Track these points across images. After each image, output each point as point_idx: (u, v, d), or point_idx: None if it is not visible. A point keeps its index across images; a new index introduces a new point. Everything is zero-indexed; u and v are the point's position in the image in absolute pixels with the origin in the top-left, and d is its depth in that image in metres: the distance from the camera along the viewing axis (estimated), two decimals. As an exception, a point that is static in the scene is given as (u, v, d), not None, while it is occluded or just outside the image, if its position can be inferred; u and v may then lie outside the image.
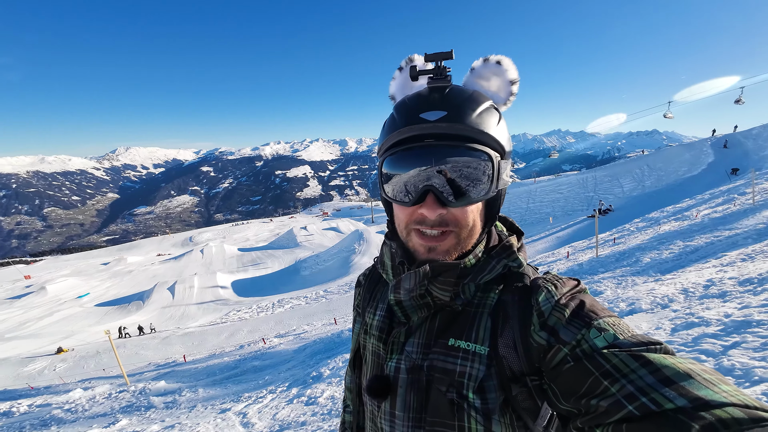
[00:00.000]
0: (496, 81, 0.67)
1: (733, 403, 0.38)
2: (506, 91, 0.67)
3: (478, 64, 0.67)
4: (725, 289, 4.87)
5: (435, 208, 0.59)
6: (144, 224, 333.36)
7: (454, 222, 0.61)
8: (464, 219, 0.61)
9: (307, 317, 16.07)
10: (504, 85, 0.67)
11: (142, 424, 6.27)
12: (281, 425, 4.94)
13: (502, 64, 0.65)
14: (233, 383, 8.28)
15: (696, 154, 27.21)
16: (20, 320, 27.02)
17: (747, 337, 3.28)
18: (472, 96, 0.61)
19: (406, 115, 0.61)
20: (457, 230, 0.61)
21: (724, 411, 0.37)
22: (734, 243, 7.62)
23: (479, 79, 0.67)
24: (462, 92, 0.61)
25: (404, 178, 0.62)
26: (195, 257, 41.34)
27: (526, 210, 29.26)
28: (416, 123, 0.59)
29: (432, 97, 0.60)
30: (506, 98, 0.67)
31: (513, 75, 0.65)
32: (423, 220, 0.61)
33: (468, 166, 0.59)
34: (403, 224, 0.65)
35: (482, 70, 0.67)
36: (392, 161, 0.63)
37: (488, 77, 0.67)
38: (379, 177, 0.67)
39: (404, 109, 0.62)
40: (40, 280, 40.06)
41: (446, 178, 0.59)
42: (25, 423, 7.40)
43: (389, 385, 0.66)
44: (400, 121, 0.61)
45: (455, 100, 0.59)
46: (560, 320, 0.55)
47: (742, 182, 16.58)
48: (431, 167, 0.59)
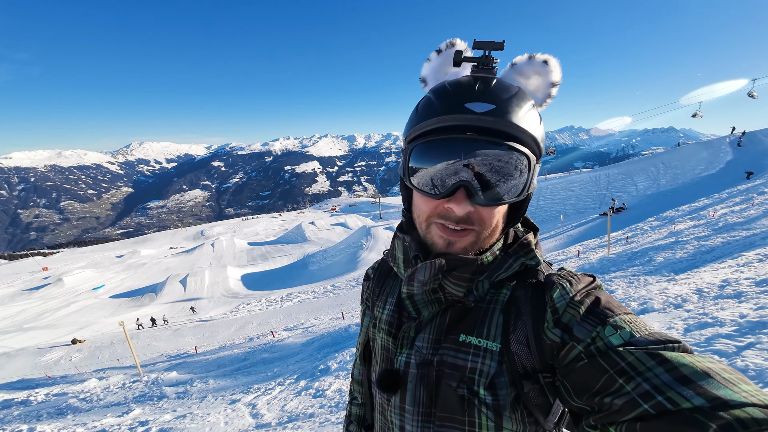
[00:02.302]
0: (537, 80, 0.64)
1: (753, 403, 0.37)
2: (545, 93, 0.64)
3: (521, 60, 0.64)
4: (741, 290, 4.75)
5: (464, 205, 0.56)
6: (157, 218, 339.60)
7: (479, 221, 0.59)
8: (489, 219, 0.59)
9: (315, 311, 16.22)
10: (544, 86, 0.64)
11: (155, 414, 6.42)
12: (290, 417, 5.01)
13: (549, 65, 0.62)
14: (243, 375, 8.42)
15: (714, 153, 26.45)
16: (38, 311, 27.91)
17: (762, 338, 3.20)
18: (519, 93, 0.57)
19: (448, 102, 0.56)
20: (479, 229, 0.59)
21: (743, 411, 0.36)
22: (751, 243, 7.42)
23: (519, 75, 0.65)
24: (509, 87, 0.58)
25: (436, 169, 0.58)
26: (206, 251, 42.01)
27: (537, 207, 28.93)
28: (460, 113, 0.54)
29: (478, 87, 0.56)
30: (543, 99, 0.64)
31: (557, 77, 0.63)
32: (448, 215, 0.58)
33: (505, 165, 0.56)
34: (425, 216, 0.62)
35: (524, 67, 0.63)
36: (425, 149, 0.59)
37: (529, 75, 0.64)
38: (405, 163, 0.62)
39: (446, 96, 0.57)
40: (57, 271, 41.25)
41: (480, 174, 0.56)
42: (43, 411, 7.65)
43: (399, 379, 0.66)
44: (441, 108, 0.56)
45: (504, 95, 0.56)
46: (575, 317, 0.54)
47: (761, 181, 16.11)
48: (469, 161, 0.55)
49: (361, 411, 0.92)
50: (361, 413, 0.92)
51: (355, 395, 0.94)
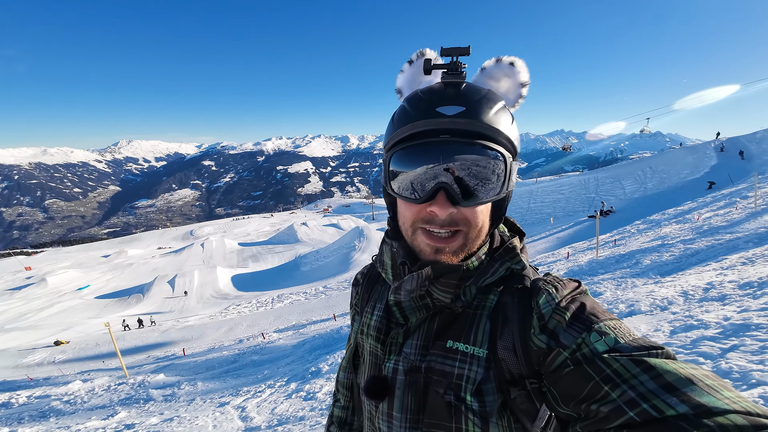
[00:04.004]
0: (507, 82, 0.65)
1: (735, 410, 0.38)
2: (516, 93, 0.65)
3: (489, 64, 0.65)
4: (725, 293, 4.87)
5: (446, 207, 0.57)
6: (145, 217, 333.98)
7: (464, 221, 0.59)
8: (474, 219, 0.60)
9: (307, 313, 16.12)
10: (514, 87, 0.65)
11: (141, 417, 6.31)
12: (279, 420, 4.96)
13: (515, 66, 0.63)
14: (232, 377, 8.32)
15: (699, 157, 27.08)
16: (20, 311, 27.18)
17: (745, 340, 3.28)
18: (488, 94, 0.59)
19: (421, 108, 0.58)
20: (466, 230, 0.60)
21: (726, 418, 0.37)
22: (735, 246, 7.61)
23: (489, 79, 0.66)
24: (478, 89, 0.59)
25: (415, 174, 0.59)
26: (195, 251, 41.47)
27: (527, 210, 29.21)
28: (432, 117, 0.56)
29: (448, 92, 0.58)
30: (515, 100, 0.66)
31: (525, 78, 0.64)
32: (432, 219, 0.59)
33: (482, 165, 0.57)
34: (409, 222, 0.62)
35: (493, 71, 0.65)
36: (403, 156, 0.60)
37: (499, 78, 0.65)
38: (386, 171, 0.63)
39: (418, 102, 0.59)
40: (40, 271, 40.25)
41: (458, 176, 0.57)
42: (24, 414, 7.45)
43: (387, 386, 0.65)
44: (414, 115, 0.58)
45: (474, 96, 0.57)
46: (560, 323, 0.54)
47: (744, 186, 16.54)
48: (445, 164, 0.56)
49: (343, 413, 0.92)
50: (343, 416, 0.92)
51: (339, 397, 0.94)
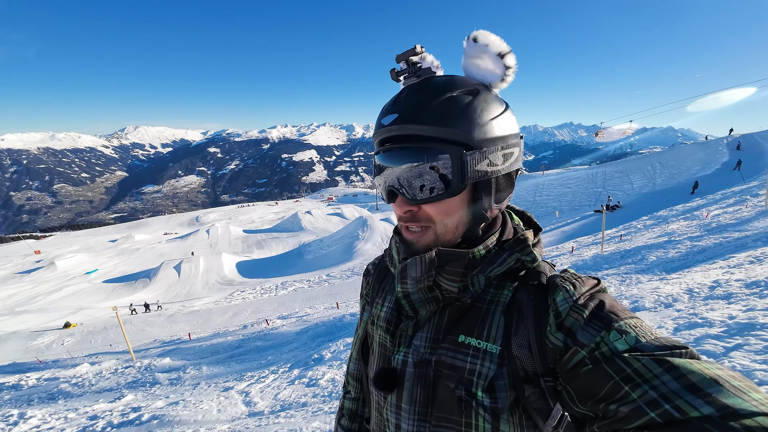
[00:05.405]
0: (486, 58, 0.61)
1: (763, 412, 0.36)
2: (500, 66, 0.60)
3: (465, 44, 0.62)
4: (731, 291, 4.82)
5: (402, 206, 0.62)
6: (151, 203, 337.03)
7: (426, 218, 0.61)
8: (437, 215, 0.61)
9: (310, 300, 16.30)
10: (494, 60, 0.60)
11: (147, 400, 6.45)
12: (282, 405, 5.06)
13: (479, 41, 0.59)
14: (236, 362, 8.47)
15: (711, 153, 26.64)
16: (30, 294, 27.72)
17: (750, 339, 3.26)
18: (434, 88, 0.58)
19: (377, 121, 0.64)
20: (432, 226, 0.61)
21: (753, 420, 0.36)
22: (743, 245, 7.52)
23: (473, 59, 0.62)
24: (424, 87, 0.59)
25: (378, 181, 0.66)
26: (201, 237, 41.84)
27: (533, 203, 29.05)
28: (378, 128, 0.62)
29: (394, 99, 0.62)
30: (503, 73, 0.61)
31: (498, 47, 0.59)
32: (400, 216, 0.64)
33: (421, 164, 0.58)
34: (397, 219, 0.68)
35: (470, 50, 0.61)
36: (373, 165, 0.68)
37: (479, 56, 0.61)
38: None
39: (378, 116, 0.64)
40: (49, 255, 40.92)
41: (403, 177, 0.60)
42: (34, 396, 7.63)
43: (396, 377, 0.65)
44: (375, 128, 0.65)
45: (412, 99, 0.59)
46: (578, 321, 0.53)
47: (755, 183, 16.26)
48: (388, 170, 0.62)
49: (353, 405, 0.92)
50: (354, 407, 0.92)
51: (349, 389, 0.94)
